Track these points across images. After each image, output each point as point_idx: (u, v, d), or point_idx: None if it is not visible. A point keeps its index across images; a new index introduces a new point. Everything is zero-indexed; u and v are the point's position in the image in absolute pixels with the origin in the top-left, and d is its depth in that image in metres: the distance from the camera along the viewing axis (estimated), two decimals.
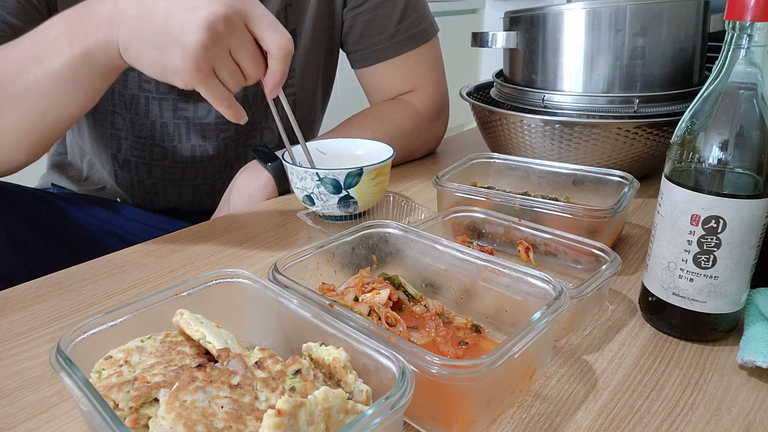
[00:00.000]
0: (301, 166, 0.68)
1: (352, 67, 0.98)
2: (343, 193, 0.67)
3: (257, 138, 0.95)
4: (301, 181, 0.69)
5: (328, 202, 0.68)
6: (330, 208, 0.69)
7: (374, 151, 0.75)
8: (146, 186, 0.93)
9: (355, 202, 0.68)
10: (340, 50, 0.99)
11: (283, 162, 0.76)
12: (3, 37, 0.66)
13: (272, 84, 0.58)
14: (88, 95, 0.61)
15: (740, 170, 0.43)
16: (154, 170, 0.91)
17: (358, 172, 0.66)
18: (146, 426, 0.34)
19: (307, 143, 0.77)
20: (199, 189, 0.95)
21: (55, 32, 0.57)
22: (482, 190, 0.65)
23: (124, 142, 0.88)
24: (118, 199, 0.96)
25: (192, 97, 0.84)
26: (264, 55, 0.57)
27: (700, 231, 0.45)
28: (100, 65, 0.58)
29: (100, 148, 0.90)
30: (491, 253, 0.52)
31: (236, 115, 0.59)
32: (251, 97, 0.89)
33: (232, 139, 0.91)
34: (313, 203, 0.69)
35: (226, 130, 0.89)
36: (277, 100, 0.64)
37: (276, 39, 0.54)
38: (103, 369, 0.36)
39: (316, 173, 0.66)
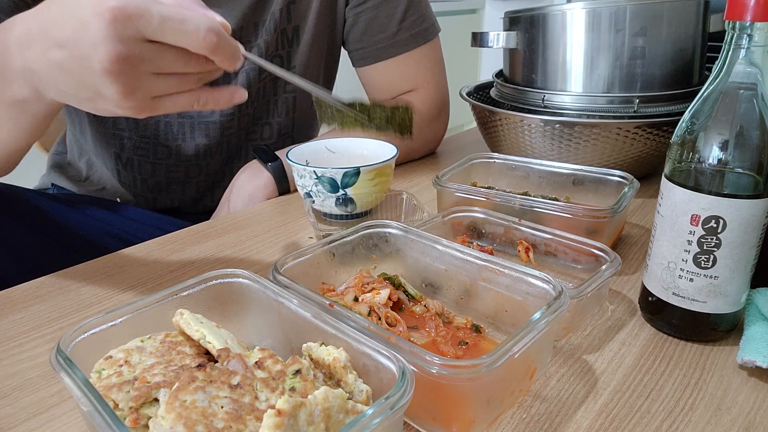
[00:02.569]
0: (299, 164, 0.68)
1: (354, 65, 0.98)
2: (341, 192, 0.67)
3: (258, 133, 0.95)
4: (301, 178, 0.69)
5: (326, 200, 0.68)
6: (329, 206, 0.69)
7: (379, 151, 0.75)
8: (149, 185, 0.93)
9: (354, 202, 0.68)
10: (342, 48, 0.99)
11: (285, 159, 0.76)
12: None
13: (227, 66, 0.46)
14: (37, 130, 0.56)
15: (740, 170, 0.43)
16: (157, 169, 0.91)
17: (355, 172, 0.66)
18: (146, 426, 0.34)
19: (315, 141, 0.77)
20: (202, 185, 0.95)
21: None
22: (482, 190, 0.65)
23: (127, 142, 0.88)
24: (118, 199, 0.96)
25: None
26: None
27: (700, 231, 0.45)
28: (40, 111, 0.53)
29: (103, 147, 0.90)
30: (491, 253, 0.52)
31: (220, 102, 0.49)
32: (254, 94, 0.89)
33: (235, 134, 0.91)
34: (314, 201, 0.69)
35: (229, 127, 0.90)
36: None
37: (192, 40, 0.43)
38: (103, 369, 0.36)
39: (314, 171, 0.66)
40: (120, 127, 0.87)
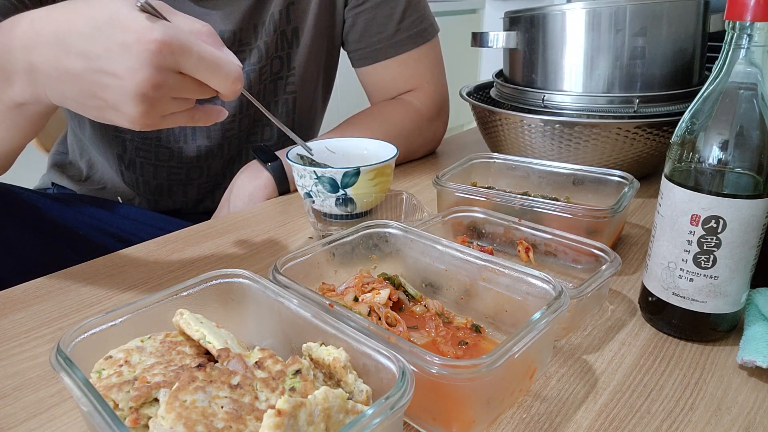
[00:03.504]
0: (300, 164, 0.68)
1: (353, 66, 0.98)
2: (341, 192, 0.67)
3: (258, 134, 0.95)
4: (301, 179, 0.69)
5: (327, 201, 0.68)
6: (329, 206, 0.69)
7: (379, 151, 0.75)
8: (151, 186, 0.93)
9: (354, 202, 0.68)
10: (341, 49, 0.99)
11: (285, 159, 0.76)
12: None
13: (228, 98, 0.50)
14: (34, 130, 0.57)
15: (740, 170, 0.43)
16: (159, 170, 0.91)
17: (355, 172, 0.66)
18: (146, 426, 0.34)
19: (315, 142, 0.77)
20: (203, 187, 0.95)
21: None
22: (482, 190, 0.65)
23: (129, 144, 0.88)
24: (119, 199, 0.96)
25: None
26: None
27: (700, 231, 0.45)
28: (37, 112, 0.54)
29: (106, 148, 0.90)
30: (491, 253, 0.52)
31: (209, 120, 0.54)
32: (254, 95, 0.89)
33: (236, 136, 0.92)
34: (314, 201, 0.69)
35: (230, 129, 0.90)
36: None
37: (220, 83, 0.47)
38: (103, 369, 0.36)
39: (314, 171, 0.66)
40: (122, 129, 0.87)
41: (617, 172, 0.67)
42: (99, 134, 0.89)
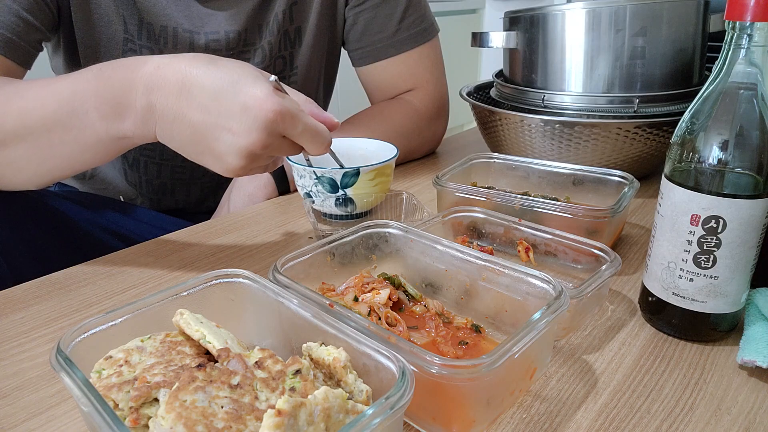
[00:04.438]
0: (300, 164, 0.68)
1: (353, 65, 0.98)
2: (341, 192, 0.67)
3: None
4: (301, 179, 0.69)
5: (326, 201, 0.68)
6: (328, 207, 0.69)
7: (380, 152, 0.75)
8: (154, 186, 0.93)
9: (353, 203, 0.68)
10: (342, 48, 0.99)
11: (285, 159, 0.76)
12: (17, 32, 0.68)
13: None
14: (114, 157, 0.60)
15: (740, 170, 0.43)
16: (163, 170, 0.91)
17: (355, 173, 0.66)
18: (146, 426, 0.34)
19: None
20: (206, 186, 0.95)
21: (84, 105, 0.53)
22: (482, 190, 0.65)
23: None
24: (121, 198, 0.96)
25: None
26: None
27: (700, 231, 0.45)
28: (133, 144, 0.58)
29: None
30: (491, 253, 0.52)
31: (274, 168, 0.61)
32: None
33: None
34: (314, 202, 0.69)
35: None
36: None
37: (316, 148, 0.55)
38: (103, 369, 0.36)
39: (314, 172, 0.66)
40: None
41: (617, 172, 0.67)
42: None
